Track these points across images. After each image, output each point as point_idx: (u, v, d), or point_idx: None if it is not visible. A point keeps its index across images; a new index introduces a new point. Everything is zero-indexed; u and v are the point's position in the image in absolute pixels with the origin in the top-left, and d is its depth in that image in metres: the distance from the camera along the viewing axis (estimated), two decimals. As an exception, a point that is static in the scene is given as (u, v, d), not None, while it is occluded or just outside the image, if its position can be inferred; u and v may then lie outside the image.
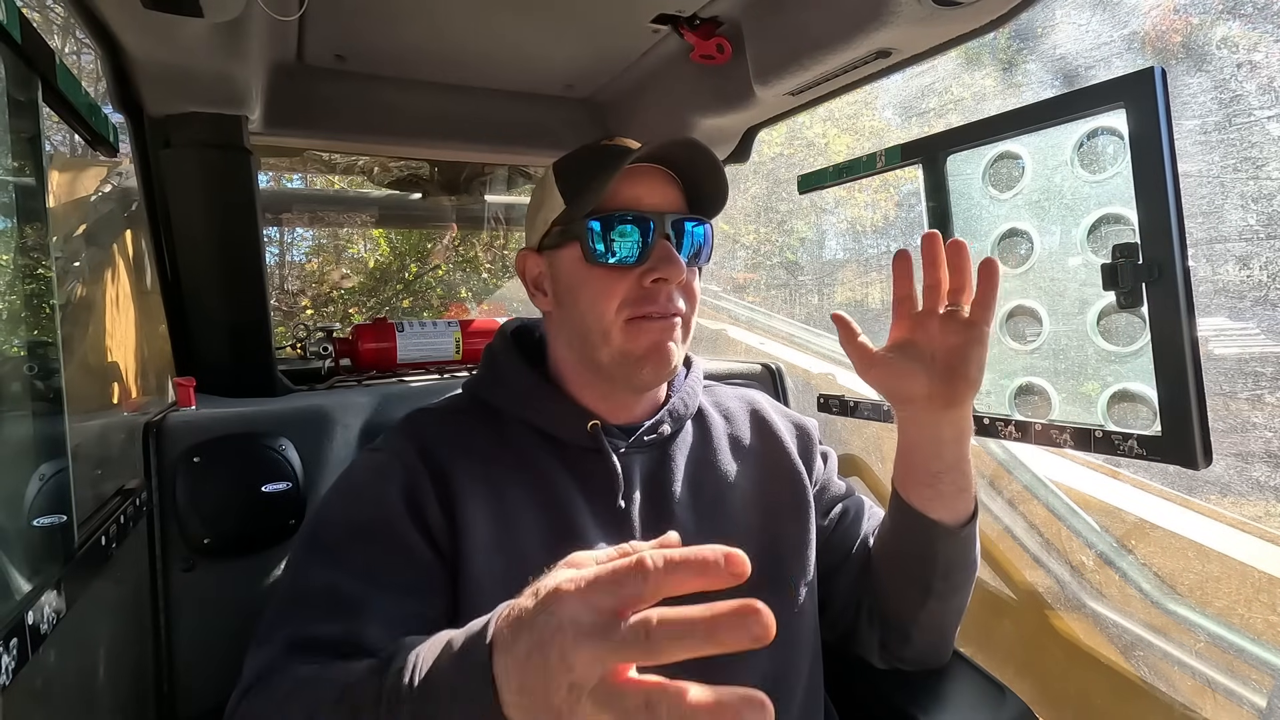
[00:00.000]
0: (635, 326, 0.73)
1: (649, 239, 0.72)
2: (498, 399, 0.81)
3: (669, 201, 0.76)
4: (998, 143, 0.98)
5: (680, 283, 0.74)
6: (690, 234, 0.76)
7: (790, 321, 3.09)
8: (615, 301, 0.73)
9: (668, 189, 0.76)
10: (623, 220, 0.72)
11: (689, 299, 0.77)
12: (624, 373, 0.76)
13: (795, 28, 1.00)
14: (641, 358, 0.74)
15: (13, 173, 0.61)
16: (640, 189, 0.74)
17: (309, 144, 1.49)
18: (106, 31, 0.91)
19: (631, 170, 0.74)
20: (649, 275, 0.72)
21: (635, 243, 0.72)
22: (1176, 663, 1.32)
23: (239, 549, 0.98)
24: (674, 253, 0.73)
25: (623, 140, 0.79)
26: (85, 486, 0.79)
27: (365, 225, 3.86)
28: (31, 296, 0.66)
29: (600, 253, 0.73)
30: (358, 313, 5.52)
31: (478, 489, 0.73)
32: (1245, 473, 1.48)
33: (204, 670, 0.94)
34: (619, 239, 0.72)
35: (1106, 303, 0.87)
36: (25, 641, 0.52)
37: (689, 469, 0.81)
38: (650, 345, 0.74)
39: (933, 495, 0.76)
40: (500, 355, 0.84)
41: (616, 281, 0.73)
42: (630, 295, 0.73)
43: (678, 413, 0.83)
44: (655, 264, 0.72)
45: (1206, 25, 1.71)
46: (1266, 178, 1.47)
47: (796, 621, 0.80)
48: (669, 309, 0.74)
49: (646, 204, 0.74)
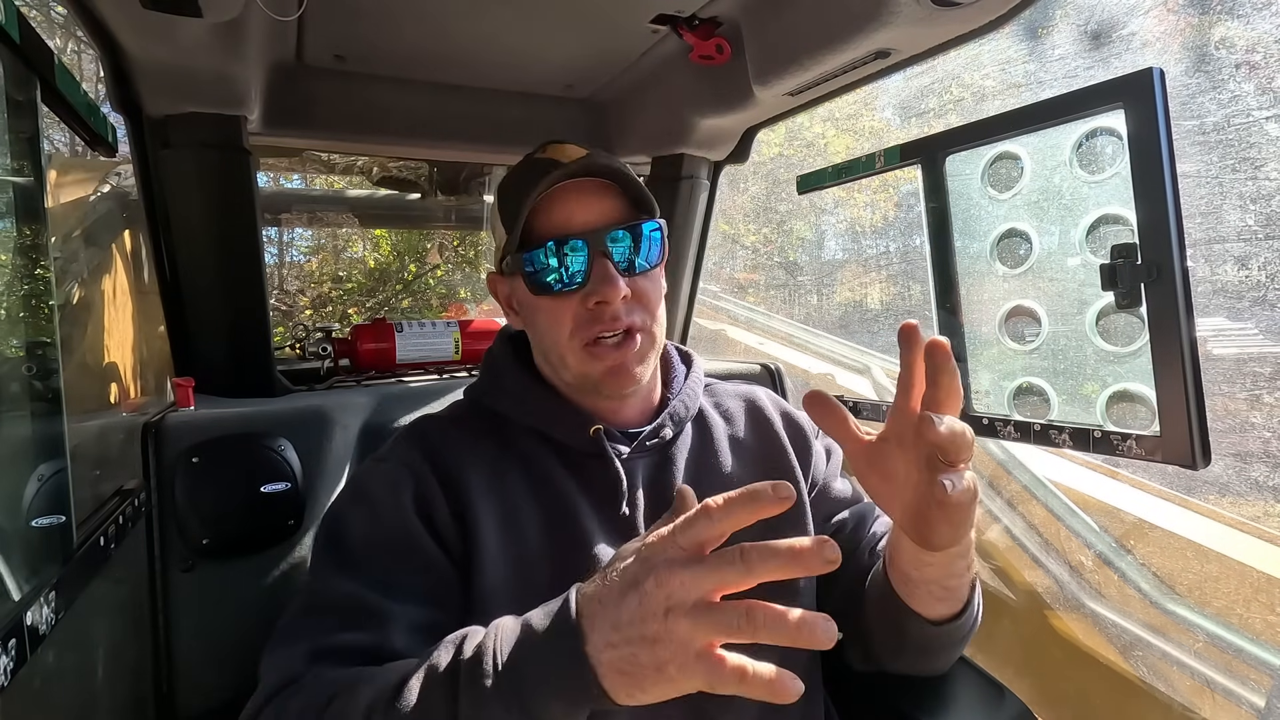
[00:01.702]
0: (590, 352, 0.74)
1: (585, 259, 0.72)
2: (500, 405, 0.81)
3: (603, 213, 0.74)
4: (997, 143, 0.98)
5: (625, 298, 0.73)
6: (635, 239, 0.74)
7: (789, 322, 3.09)
8: (566, 329, 0.73)
9: (601, 200, 0.74)
10: (553, 247, 0.71)
11: (644, 307, 0.75)
12: (589, 390, 0.77)
13: (794, 28, 1.00)
14: (601, 380, 0.75)
15: (11, 173, 0.61)
16: (571, 208, 0.73)
17: (308, 144, 1.49)
18: (105, 31, 0.91)
19: (563, 188, 0.73)
20: (590, 298, 0.72)
21: (572, 265, 0.72)
22: (1175, 662, 1.33)
23: (238, 549, 0.98)
24: (611, 271, 0.71)
25: (555, 148, 0.77)
26: (84, 487, 0.79)
27: (364, 225, 3.86)
28: (30, 297, 0.66)
29: (540, 283, 0.73)
30: (357, 313, 5.51)
31: (486, 496, 0.73)
32: (1244, 473, 1.49)
33: (203, 671, 0.94)
34: (557, 264, 0.72)
35: (1105, 303, 0.87)
36: (24, 642, 0.52)
37: (689, 471, 0.82)
38: (607, 369, 0.74)
39: (909, 591, 0.69)
40: (500, 360, 0.85)
41: (562, 308, 0.73)
42: (578, 319, 0.73)
43: (678, 415, 0.83)
44: (594, 287, 0.72)
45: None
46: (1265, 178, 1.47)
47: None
48: (617, 326, 0.73)
49: (578, 223, 0.73)
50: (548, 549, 0.73)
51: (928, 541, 0.60)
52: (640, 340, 0.75)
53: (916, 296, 3.21)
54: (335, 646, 0.63)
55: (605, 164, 0.73)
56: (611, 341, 0.74)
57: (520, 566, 0.72)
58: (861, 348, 2.68)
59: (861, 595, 0.78)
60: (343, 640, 0.63)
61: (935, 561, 0.64)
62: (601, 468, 0.77)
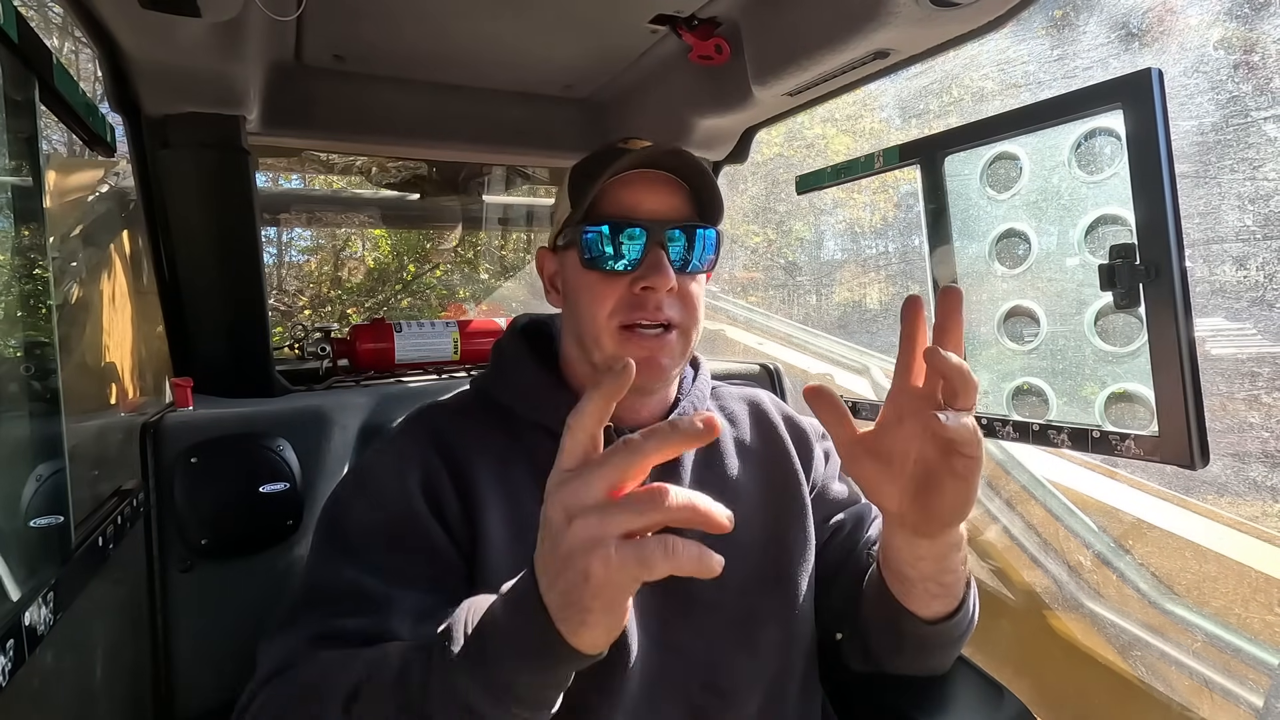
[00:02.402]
0: (626, 336, 0.74)
1: (642, 246, 0.73)
2: (506, 396, 0.81)
3: (670, 208, 0.76)
4: (996, 143, 0.98)
5: (671, 290, 0.74)
6: (691, 240, 0.76)
7: (788, 322, 3.09)
8: (607, 307, 0.74)
9: (670, 195, 0.76)
10: (616, 228, 0.73)
11: (686, 306, 0.76)
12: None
13: (793, 28, 1.00)
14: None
15: (10, 173, 0.61)
16: (640, 195, 0.74)
17: (307, 144, 1.49)
18: (104, 31, 0.91)
19: (635, 176, 0.75)
20: (638, 282, 0.73)
21: (629, 250, 0.73)
22: (1174, 662, 1.33)
23: (237, 549, 0.97)
24: (664, 261, 0.73)
25: (635, 142, 0.79)
26: (82, 487, 0.79)
27: (363, 225, 3.86)
28: (28, 297, 0.66)
29: (593, 258, 0.74)
30: (356, 313, 5.51)
31: (493, 487, 0.73)
32: (1242, 473, 1.49)
33: (202, 670, 0.94)
34: (612, 245, 0.73)
35: (1104, 303, 0.87)
36: (22, 643, 0.51)
37: (695, 473, 0.82)
38: (640, 359, 0.73)
39: (904, 590, 0.70)
40: (509, 352, 0.84)
41: (609, 287, 0.74)
42: (621, 301, 0.74)
43: (686, 416, 0.83)
44: (645, 272, 0.73)
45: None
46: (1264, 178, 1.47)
47: (796, 621, 0.80)
48: (658, 317, 0.74)
49: (644, 211, 0.74)
50: None
51: (928, 521, 0.60)
52: (675, 338, 0.76)
53: (915, 297, 3.20)
54: (334, 632, 0.62)
55: (687, 161, 0.74)
56: (651, 332, 0.74)
57: (524, 561, 0.71)
58: (860, 348, 2.69)
59: (859, 596, 0.79)
60: (342, 626, 0.62)
61: (929, 555, 0.65)
62: None
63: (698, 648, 0.75)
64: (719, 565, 0.40)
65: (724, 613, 0.77)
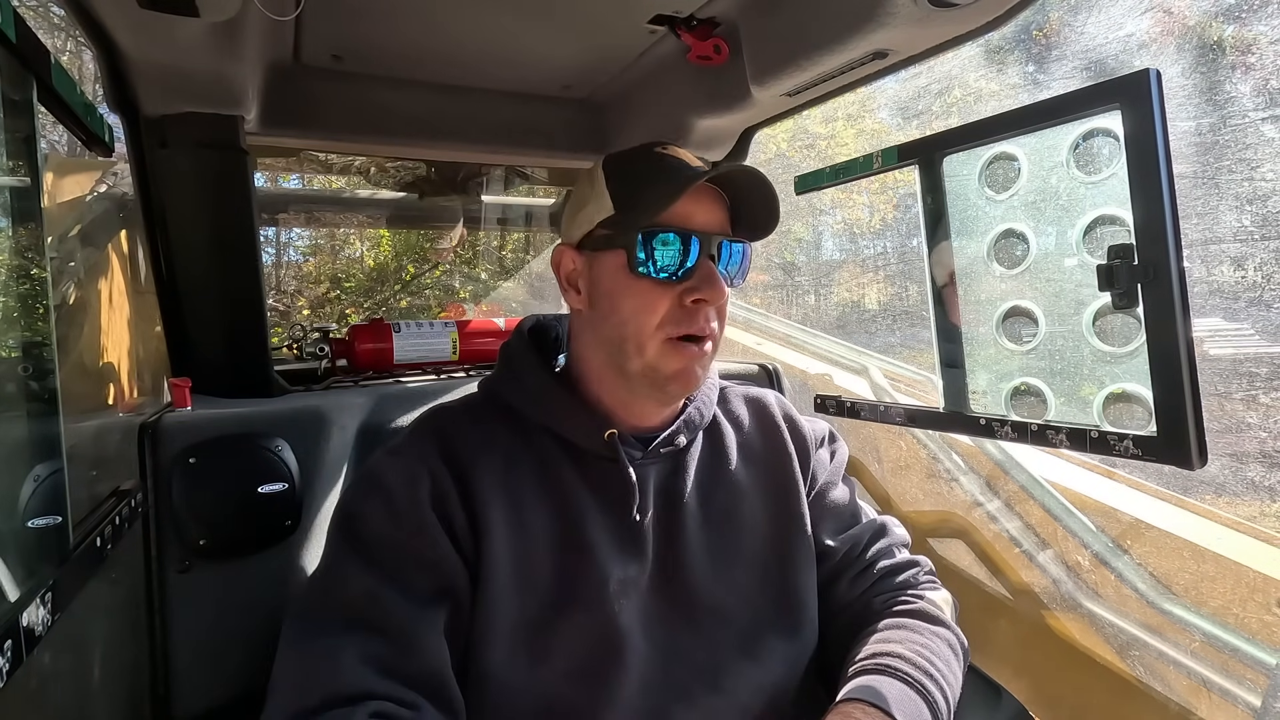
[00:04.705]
0: (672, 347, 0.74)
1: (694, 258, 0.73)
2: (515, 399, 0.81)
3: (716, 221, 0.76)
4: (994, 144, 0.98)
5: (719, 305, 0.75)
6: (732, 255, 0.77)
7: (787, 322, 3.08)
8: (656, 317, 0.73)
9: (716, 209, 0.77)
10: (676, 237, 0.72)
11: (721, 320, 0.78)
12: (649, 387, 0.76)
13: (792, 29, 1.00)
14: (670, 378, 0.75)
15: (7, 173, 0.61)
16: (692, 207, 0.74)
17: (305, 144, 1.49)
18: (102, 31, 0.91)
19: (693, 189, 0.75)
20: (690, 294, 0.73)
21: (681, 260, 0.73)
22: (1172, 662, 1.33)
23: (235, 550, 0.97)
24: (717, 274, 0.73)
25: (675, 150, 0.79)
26: (80, 488, 0.79)
27: (362, 225, 3.85)
28: (26, 297, 0.65)
29: (647, 265, 0.73)
30: (354, 313, 5.50)
31: (497, 489, 0.73)
32: (1240, 473, 1.49)
33: (200, 672, 0.94)
34: (666, 254, 0.72)
35: (1102, 304, 0.87)
36: (20, 643, 0.51)
37: (700, 479, 0.81)
38: (681, 369, 0.74)
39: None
40: (516, 354, 0.84)
41: (659, 297, 0.73)
42: (671, 313, 0.73)
43: (693, 422, 0.83)
44: (698, 284, 0.73)
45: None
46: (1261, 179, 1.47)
47: (799, 626, 0.80)
48: (706, 329, 0.74)
49: (697, 222, 0.74)
50: (553, 548, 0.73)
51: None
52: (710, 349, 0.76)
53: (914, 297, 3.22)
54: (357, 650, 0.63)
55: (765, 188, 0.75)
56: (696, 346, 0.74)
57: (525, 565, 0.72)
58: (859, 348, 2.68)
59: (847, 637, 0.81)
60: (364, 646, 0.64)
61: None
62: (613, 473, 0.76)
63: (700, 653, 0.75)
64: None
65: (726, 618, 0.77)
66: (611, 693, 0.70)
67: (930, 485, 1.77)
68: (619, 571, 0.74)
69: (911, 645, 0.74)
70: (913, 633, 0.77)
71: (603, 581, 0.73)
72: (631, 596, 0.74)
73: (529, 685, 0.70)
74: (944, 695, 0.71)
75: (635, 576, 0.75)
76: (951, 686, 0.73)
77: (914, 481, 1.81)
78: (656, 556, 0.77)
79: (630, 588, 0.74)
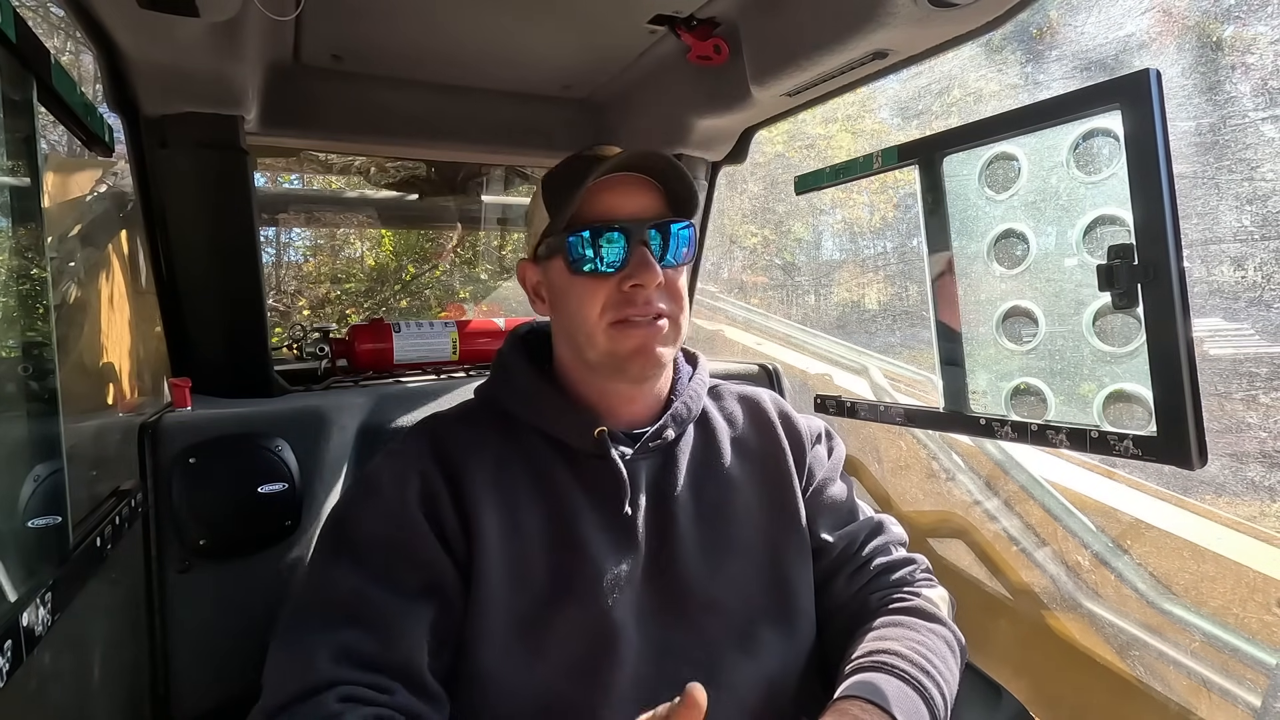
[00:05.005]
0: (619, 330, 0.76)
1: (622, 247, 0.76)
2: (508, 402, 0.83)
3: (646, 207, 0.79)
4: (994, 144, 0.98)
5: (658, 285, 0.76)
6: (671, 236, 0.78)
7: (787, 322, 3.08)
8: (598, 306, 0.76)
9: (645, 195, 0.79)
10: (599, 232, 0.75)
11: (673, 297, 0.79)
12: (613, 370, 0.79)
13: (792, 29, 1.00)
14: (626, 358, 0.77)
15: (8, 173, 0.61)
16: (618, 199, 0.78)
17: (305, 144, 1.49)
18: (102, 31, 0.91)
19: (610, 180, 0.78)
20: (627, 281, 0.76)
21: (613, 251, 0.76)
22: (1172, 662, 1.33)
23: (235, 550, 0.97)
24: (649, 258, 0.75)
25: (604, 149, 0.81)
26: (80, 488, 0.79)
27: (362, 225, 3.85)
28: (26, 297, 0.65)
29: (581, 263, 0.76)
30: (354, 313, 5.50)
31: (489, 489, 0.75)
32: (1240, 473, 1.49)
33: (200, 672, 0.94)
34: (598, 249, 0.76)
35: (1102, 303, 0.87)
36: (20, 643, 0.51)
37: (691, 474, 0.82)
38: (634, 347, 0.77)
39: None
40: (509, 358, 0.86)
41: (598, 288, 0.76)
42: (611, 300, 0.76)
43: (680, 416, 0.83)
44: (632, 270, 0.75)
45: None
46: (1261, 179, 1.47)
47: (795, 620, 0.80)
48: (649, 310, 0.76)
49: (623, 213, 0.77)
50: (547, 546, 0.74)
51: None
52: (666, 325, 0.78)
53: (914, 297, 3.21)
54: (345, 648, 0.64)
55: (657, 161, 0.77)
56: (640, 324, 0.76)
57: (519, 565, 0.73)
58: (859, 348, 2.68)
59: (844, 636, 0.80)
60: (352, 644, 0.65)
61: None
62: (604, 468, 0.77)
63: (696, 648, 0.75)
64: None
65: (720, 611, 0.77)
66: (606, 687, 0.71)
67: (930, 485, 1.77)
68: (612, 566, 0.75)
69: (909, 643, 0.74)
70: (910, 630, 0.77)
71: (596, 577, 0.73)
72: (625, 591, 0.74)
73: (525, 682, 0.70)
74: (941, 692, 0.72)
75: (628, 571, 0.75)
76: (949, 684, 0.74)
77: (914, 481, 1.81)
78: (649, 551, 0.77)
79: (623, 582, 0.75)
